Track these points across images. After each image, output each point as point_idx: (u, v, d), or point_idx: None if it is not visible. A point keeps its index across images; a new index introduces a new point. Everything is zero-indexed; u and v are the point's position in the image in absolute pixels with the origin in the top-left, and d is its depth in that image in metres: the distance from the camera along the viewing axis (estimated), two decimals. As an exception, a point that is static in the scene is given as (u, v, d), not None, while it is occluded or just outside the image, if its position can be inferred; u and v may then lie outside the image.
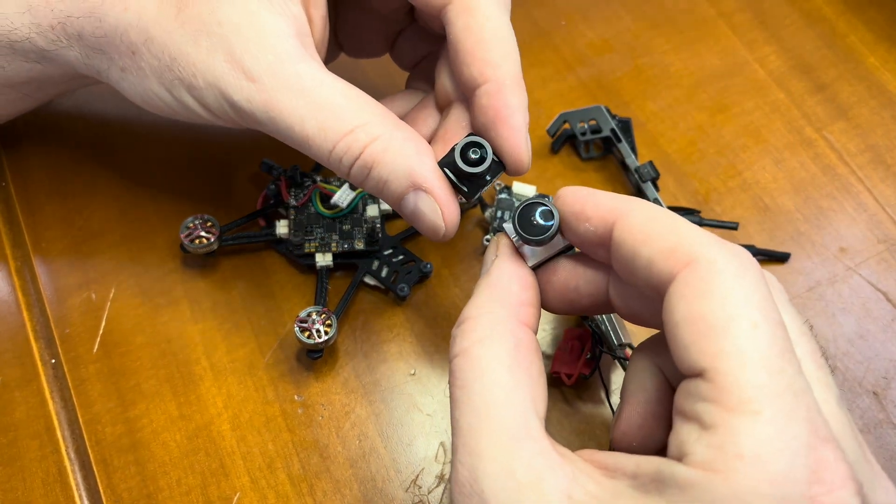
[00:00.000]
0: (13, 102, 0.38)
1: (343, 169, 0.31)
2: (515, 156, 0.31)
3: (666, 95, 0.45)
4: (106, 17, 0.32)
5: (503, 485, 0.24)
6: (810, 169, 0.42)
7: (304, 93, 0.30)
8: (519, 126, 0.31)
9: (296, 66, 0.30)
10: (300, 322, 0.35)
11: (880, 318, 0.38)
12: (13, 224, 0.41)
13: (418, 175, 0.30)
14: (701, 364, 0.23)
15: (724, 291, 0.23)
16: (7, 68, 0.35)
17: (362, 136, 0.30)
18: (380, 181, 0.31)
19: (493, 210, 0.40)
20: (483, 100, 0.31)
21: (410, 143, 0.31)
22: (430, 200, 0.30)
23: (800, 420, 0.22)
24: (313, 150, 0.31)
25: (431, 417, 0.36)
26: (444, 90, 0.34)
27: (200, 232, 0.38)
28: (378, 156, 0.30)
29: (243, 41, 0.30)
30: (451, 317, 0.38)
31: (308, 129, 0.30)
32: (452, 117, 0.33)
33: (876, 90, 0.45)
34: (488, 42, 0.31)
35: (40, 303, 0.39)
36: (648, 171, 0.40)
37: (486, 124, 0.31)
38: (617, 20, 0.47)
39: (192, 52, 0.31)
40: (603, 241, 0.27)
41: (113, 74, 0.34)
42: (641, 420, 0.29)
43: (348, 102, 0.31)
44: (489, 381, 0.26)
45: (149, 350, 0.37)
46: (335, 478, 0.35)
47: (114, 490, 0.34)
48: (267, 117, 0.30)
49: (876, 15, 0.47)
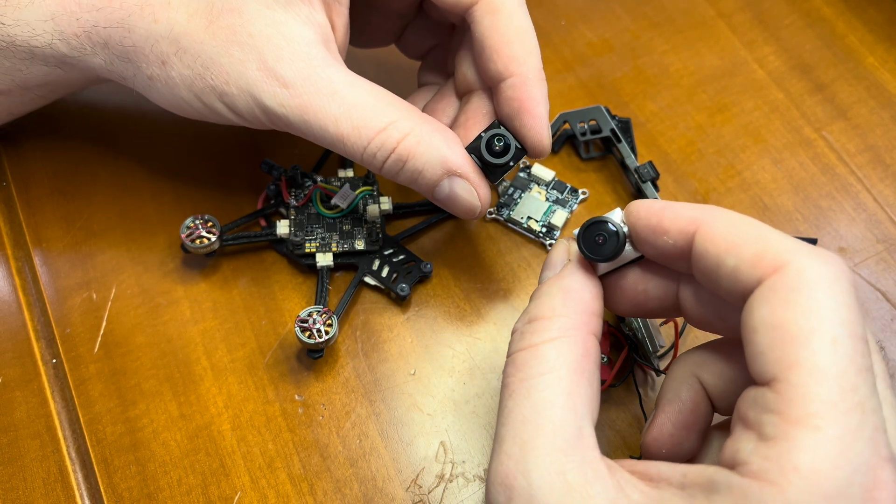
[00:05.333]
0: (25, 104, 0.39)
1: (377, 164, 0.33)
2: (538, 142, 0.34)
3: (665, 95, 0.45)
4: (135, 29, 0.33)
5: (553, 484, 0.24)
6: (809, 169, 0.42)
7: (337, 95, 0.32)
8: (542, 115, 0.34)
9: (325, 70, 0.32)
10: (301, 322, 0.36)
11: (879, 318, 0.38)
12: (14, 223, 0.41)
13: (451, 162, 0.33)
14: (773, 372, 0.23)
15: (809, 301, 0.23)
16: (25, 72, 0.36)
17: (395, 132, 0.32)
18: (414, 172, 0.33)
19: (508, 185, 0.41)
20: (508, 92, 0.34)
21: (439, 135, 0.33)
22: (464, 184, 0.33)
23: (864, 439, 0.22)
24: (348, 148, 0.33)
25: (432, 417, 0.36)
26: (465, 80, 0.36)
27: (201, 232, 0.38)
28: (412, 149, 0.32)
29: (275, 50, 0.32)
30: (452, 316, 0.38)
31: (342, 128, 0.32)
32: (473, 104, 0.36)
33: (875, 90, 0.45)
34: (513, 40, 0.34)
35: (41, 302, 0.39)
36: (648, 171, 0.40)
37: (510, 114, 0.34)
38: (616, 20, 0.47)
39: (224, 61, 0.32)
40: (683, 252, 0.27)
41: (139, 82, 0.34)
42: (673, 429, 0.29)
43: (377, 101, 0.32)
44: (554, 381, 0.26)
45: (149, 350, 0.37)
46: (335, 477, 0.35)
47: (114, 489, 0.35)
48: (301, 120, 0.32)
49: (875, 15, 0.47)
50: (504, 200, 0.41)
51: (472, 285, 0.39)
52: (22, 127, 0.42)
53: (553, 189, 0.41)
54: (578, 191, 0.41)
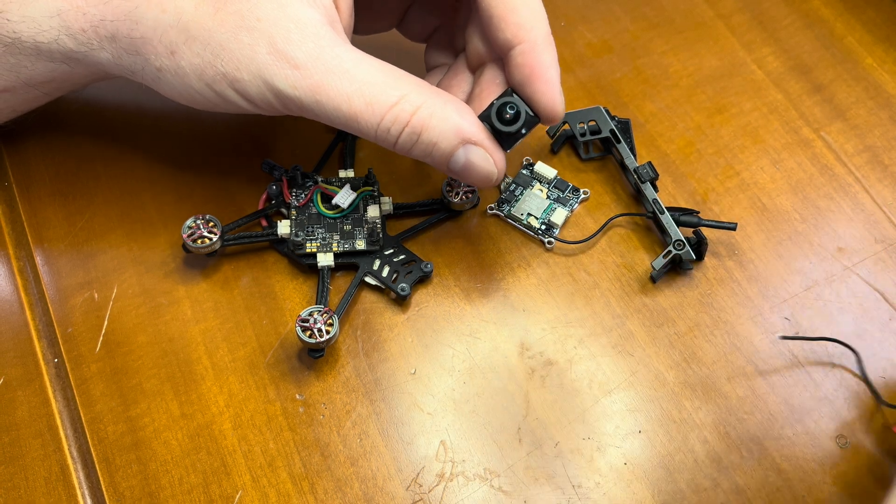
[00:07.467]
0: (29, 101, 0.39)
1: (391, 139, 0.33)
2: (551, 107, 0.34)
3: (665, 96, 0.45)
4: (143, 20, 0.33)
5: None
6: (808, 169, 0.43)
7: (348, 73, 0.32)
8: (553, 80, 0.34)
9: (334, 49, 0.32)
10: (301, 321, 0.36)
11: (878, 318, 0.38)
12: (16, 223, 0.41)
13: (466, 131, 0.33)
14: None
15: None
16: (30, 68, 0.36)
17: (407, 105, 0.33)
18: (429, 144, 0.33)
19: (510, 181, 0.42)
20: (518, 59, 0.34)
21: (451, 105, 0.33)
22: (479, 151, 0.34)
23: None
24: (361, 125, 0.33)
25: (432, 416, 0.36)
26: (476, 53, 0.37)
27: (202, 232, 0.38)
28: (426, 121, 0.33)
29: (284, 32, 0.32)
30: (452, 316, 0.39)
31: (356, 106, 0.32)
32: (487, 76, 0.37)
33: (873, 91, 0.45)
34: (519, 7, 0.34)
35: (43, 302, 0.39)
36: (647, 172, 0.40)
37: (522, 81, 0.34)
38: (616, 21, 0.48)
39: (234, 47, 0.32)
40: None
41: (148, 74, 0.34)
42: None
43: (387, 77, 0.33)
44: None
45: (151, 349, 0.38)
46: (336, 476, 0.35)
47: (116, 489, 0.35)
48: (314, 101, 0.32)
49: (874, 16, 0.47)
50: (505, 196, 0.41)
51: (472, 285, 0.39)
52: (24, 127, 0.42)
53: (555, 187, 0.42)
54: (580, 190, 0.42)
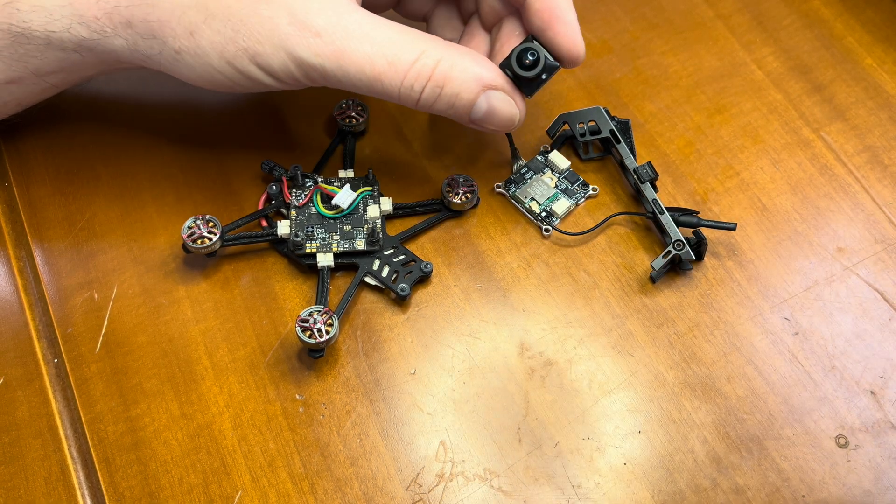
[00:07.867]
0: (36, 93, 0.38)
1: (414, 96, 0.34)
2: (572, 49, 0.35)
3: (664, 96, 0.45)
4: (159, 3, 0.33)
5: None
6: (808, 169, 0.43)
7: (367, 36, 0.33)
8: (572, 21, 0.35)
9: (352, 14, 0.33)
10: (301, 322, 0.36)
11: (877, 318, 0.38)
12: (16, 223, 0.41)
13: (486, 77, 0.34)
14: None
15: None
16: (40, 58, 0.35)
17: (427, 59, 0.33)
18: (452, 96, 0.34)
19: (523, 164, 0.42)
20: (536, 5, 0.35)
21: (469, 56, 0.35)
22: (501, 95, 0.35)
23: None
24: (385, 86, 0.34)
25: (432, 416, 0.36)
26: (491, 9, 0.38)
27: (202, 232, 0.38)
28: (447, 72, 0.34)
29: (302, 2, 0.33)
30: (452, 316, 0.39)
31: (378, 66, 0.33)
32: (505, 30, 0.38)
33: (873, 91, 0.45)
34: None
35: (43, 302, 0.39)
36: (647, 172, 0.40)
37: (541, 26, 0.35)
38: (615, 21, 0.48)
39: (254, 21, 0.33)
40: None
41: (165, 58, 0.35)
42: None
43: (405, 36, 0.34)
44: None
45: (151, 349, 0.38)
46: (336, 476, 0.35)
47: (116, 488, 0.35)
48: (337, 66, 0.33)
49: (873, 16, 0.47)
50: (515, 178, 0.42)
51: (472, 285, 0.39)
52: (24, 127, 0.42)
53: (564, 178, 0.42)
54: (589, 186, 0.42)
